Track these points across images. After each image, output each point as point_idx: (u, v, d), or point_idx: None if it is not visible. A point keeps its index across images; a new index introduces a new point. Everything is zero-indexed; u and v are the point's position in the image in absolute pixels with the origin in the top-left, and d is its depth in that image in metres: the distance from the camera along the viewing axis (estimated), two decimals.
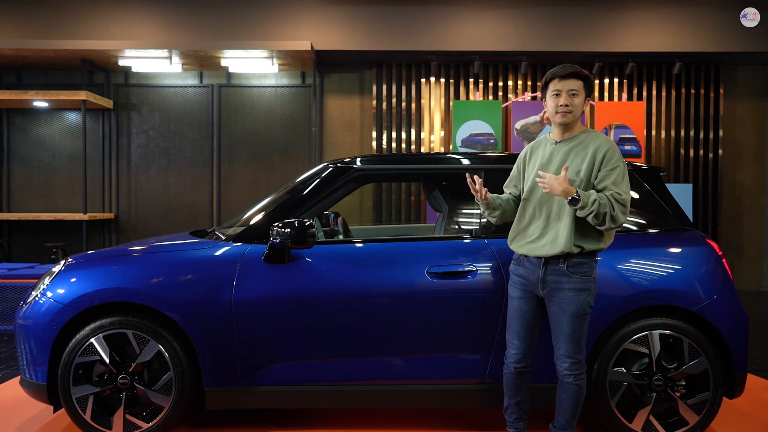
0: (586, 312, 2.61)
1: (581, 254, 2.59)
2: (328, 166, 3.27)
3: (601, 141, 2.61)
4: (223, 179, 8.30)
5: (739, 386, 3.04)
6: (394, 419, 3.35)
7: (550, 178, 2.49)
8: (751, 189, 8.40)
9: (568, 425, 2.71)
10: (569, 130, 2.67)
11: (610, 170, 2.55)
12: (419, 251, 3.05)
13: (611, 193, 2.51)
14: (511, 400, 2.81)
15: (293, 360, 2.98)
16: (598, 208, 2.46)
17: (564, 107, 2.60)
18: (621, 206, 2.51)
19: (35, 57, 7.52)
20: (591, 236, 2.59)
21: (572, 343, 2.60)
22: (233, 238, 3.11)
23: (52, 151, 8.27)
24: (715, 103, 8.22)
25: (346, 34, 7.63)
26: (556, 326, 2.64)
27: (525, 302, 2.72)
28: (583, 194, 2.47)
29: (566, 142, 2.66)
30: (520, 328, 2.73)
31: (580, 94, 2.62)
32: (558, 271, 2.60)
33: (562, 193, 2.47)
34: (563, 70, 2.62)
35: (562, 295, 2.59)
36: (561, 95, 2.61)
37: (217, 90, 8.24)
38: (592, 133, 2.67)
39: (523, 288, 2.72)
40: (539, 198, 2.67)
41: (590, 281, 2.61)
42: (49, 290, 3.01)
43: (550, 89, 2.65)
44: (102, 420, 2.94)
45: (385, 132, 8.23)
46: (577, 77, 2.62)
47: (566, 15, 7.65)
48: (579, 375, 2.63)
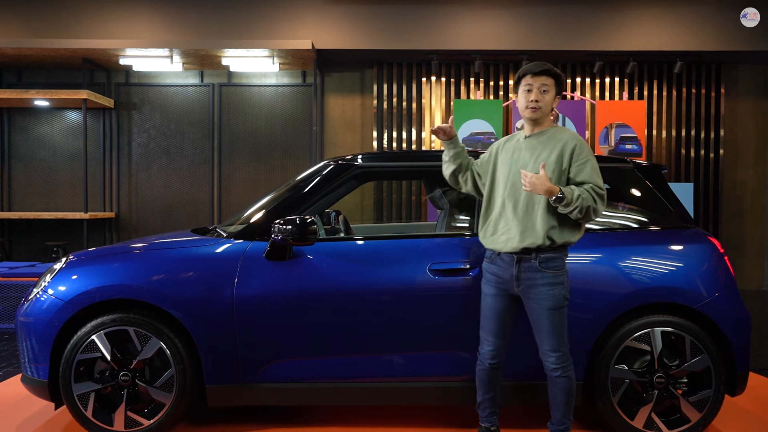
0: (563, 305, 2.67)
1: (551, 248, 2.63)
2: (329, 164, 3.26)
3: (568, 136, 2.68)
4: (223, 178, 8.30)
5: (741, 384, 3.04)
6: (395, 416, 3.34)
7: (533, 177, 2.53)
8: (752, 188, 8.40)
9: (564, 419, 2.73)
10: (539, 125, 2.73)
11: (583, 164, 2.62)
12: (420, 248, 3.05)
13: (590, 187, 2.57)
14: (486, 395, 2.84)
15: (294, 357, 2.97)
16: (582, 203, 2.52)
17: (534, 102, 2.66)
18: (601, 199, 2.58)
19: (36, 56, 7.52)
20: (564, 229, 2.64)
21: (555, 336, 2.65)
22: (235, 236, 3.11)
23: (53, 150, 8.27)
24: (716, 102, 8.21)
25: (347, 33, 7.63)
26: (537, 322, 2.68)
27: (499, 299, 2.75)
28: (567, 191, 2.52)
29: (535, 137, 2.72)
30: (495, 325, 2.76)
31: (551, 91, 2.68)
32: (531, 268, 2.64)
33: (545, 192, 2.52)
34: (536, 67, 2.69)
35: (537, 290, 2.64)
36: (532, 91, 2.67)
37: (218, 89, 8.24)
38: (559, 128, 2.73)
39: (497, 285, 2.75)
40: (509, 191, 2.70)
41: (562, 275, 2.66)
42: (51, 287, 3.01)
43: (522, 84, 2.72)
44: (103, 417, 2.94)
45: (385, 131, 8.23)
46: (548, 74, 2.68)
47: (567, 14, 7.64)
48: (566, 367, 2.68)
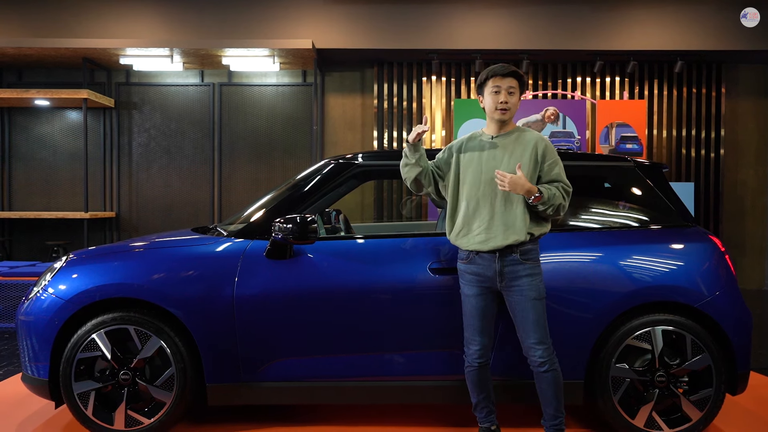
0: (544, 296, 2.72)
1: (530, 241, 2.71)
2: (330, 163, 3.26)
3: (536, 136, 2.76)
4: (224, 178, 8.29)
5: (742, 383, 3.04)
6: (395, 415, 3.34)
7: (512, 177, 2.58)
8: (752, 188, 8.39)
9: (557, 413, 2.73)
10: (505, 126, 2.79)
11: (552, 163, 2.73)
12: (421, 247, 3.04)
13: (560, 185, 2.70)
14: (480, 395, 2.83)
15: (295, 356, 2.97)
16: (555, 201, 2.65)
17: (504, 104, 2.71)
18: (569, 196, 2.73)
19: (37, 56, 7.52)
20: (539, 222, 2.73)
21: (540, 328, 2.69)
22: (235, 234, 3.10)
23: (54, 149, 8.27)
24: (716, 101, 8.20)
25: (348, 32, 7.63)
26: (521, 315, 2.70)
27: (482, 299, 2.75)
28: (544, 190, 2.62)
29: (503, 138, 2.77)
30: (481, 324, 2.77)
31: (516, 92, 2.74)
32: (513, 261, 2.68)
33: (525, 192, 2.59)
34: (503, 69, 2.72)
35: (520, 282, 2.68)
36: (501, 93, 2.71)
37: (218, 89, 8.23)
38: (523, 129, 2.81)
39: (479, 285, 2.75)
40: (482, 192, 2.72)
41: (539, 266, 2.74)
42: (51, 286, 3.01)
43: (489, 86, 2.75)
44: (103, 416, 2.94)
45: (386, 131, 8.22)
46: (515, 76, 2.73)
47: (567, 13, 7.64)
48: (553, 360, 2.70)
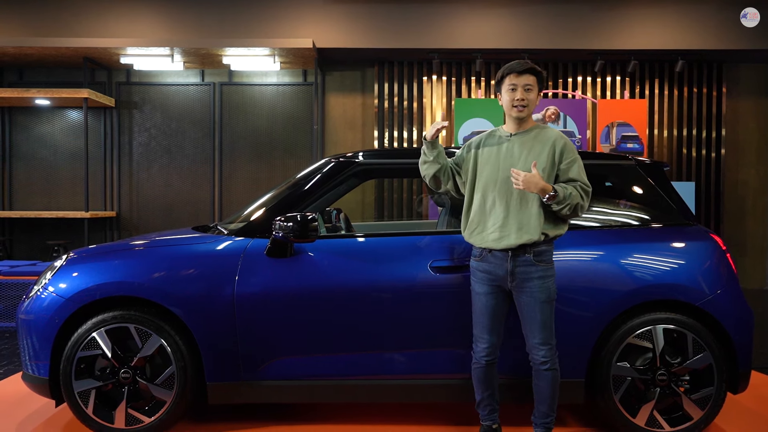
0: (554, 298, 2.71)
1: (545, 242, 2.68)
2: (330, 161, 3.25)
3: (555, 134, 2.72)
4: (224, 177, 8.29)
5: (743, 382, 3.03)
6: (396, 414, 3.34)
7: (526, 176, 2.54)
8: (753, 187, 8.38)
9: (550, 411, 2.74)
10: (523, 123, 2.75)
11: (571, 162, 2.68)
12: (421, 246, 3.04)
13: (578, 185, 2.65)
14: (485, 393, 2.83)
15: (295, 354, 2.97)
16: (572, 200, 2.60)
17: (520, 101, 2.68)
18: (587, 196, 2.67)
19: (37, 55, 7.51)
20: (556, 223, 2.70)
21: (546, 329, 2.68)
22: (235, 233, 3.10)
23: (54, 149, 8.26)
24: (717, 101, 8.19)
25: (348, 32, 7.62)
26: (529, 315, 2.69)
27: (492, 297, 2.75)
28: (560, 189, 2.58)
29: (521, 135, 2.74)
30: (491, 323, 2.76)
31: (534, 89, 2.71)
32: (526, 262, 2.66)
33: (539, 190, 2.55)
34: (520, 66, 2.71)
35: (531, 284, 2.66)
36: (517, 90, 2.69)
37: (219, 88, 8.23)
38: (543, 127, 2.77)
39: (490, 283, 2.74)
40: (498, 190, 2.70)
41: (552, 267, 2.71)
42: (51, 284, 3.01)
43: (506, 83, 2.72)
44: (104, 414, 2.94)
45: (386, 130, 8.22)
46: (532, 73, 2.70)
47: (568, 13, 7.63)
48: (555, 360, 2.71)
